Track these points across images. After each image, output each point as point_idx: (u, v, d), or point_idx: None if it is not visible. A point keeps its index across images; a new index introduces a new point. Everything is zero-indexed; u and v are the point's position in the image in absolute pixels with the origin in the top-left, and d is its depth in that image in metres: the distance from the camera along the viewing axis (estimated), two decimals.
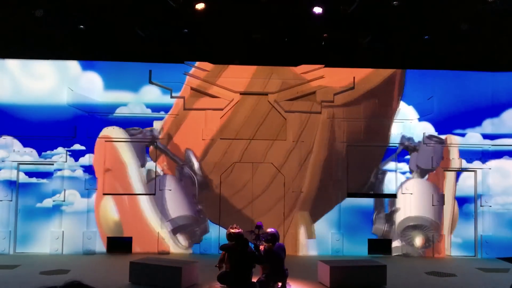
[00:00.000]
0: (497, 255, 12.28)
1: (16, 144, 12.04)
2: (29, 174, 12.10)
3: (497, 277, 10.09)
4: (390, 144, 12.59)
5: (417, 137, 12.60)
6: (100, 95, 12.29)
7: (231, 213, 12.18)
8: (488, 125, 12.65)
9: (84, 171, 12.13)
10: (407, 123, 12.61)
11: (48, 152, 12.08)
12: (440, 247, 12.35)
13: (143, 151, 12.41)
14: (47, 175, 12.12)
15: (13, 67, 12.23)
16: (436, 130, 12.60)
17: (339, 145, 12.49)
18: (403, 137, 12.59)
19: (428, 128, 12.62)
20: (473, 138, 12.62)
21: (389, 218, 12.49)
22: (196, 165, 12.41)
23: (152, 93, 12.43)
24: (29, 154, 12.02)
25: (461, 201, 12.56)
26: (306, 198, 12.37)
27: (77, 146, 12.15)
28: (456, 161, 12.56)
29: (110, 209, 12.14)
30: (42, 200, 12.02)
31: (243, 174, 12.37)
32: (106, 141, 12.21)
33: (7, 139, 12.03)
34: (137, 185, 12.27)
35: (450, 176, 12.60)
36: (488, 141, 12.61)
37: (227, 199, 12.31)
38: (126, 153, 12.31)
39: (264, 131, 12.43)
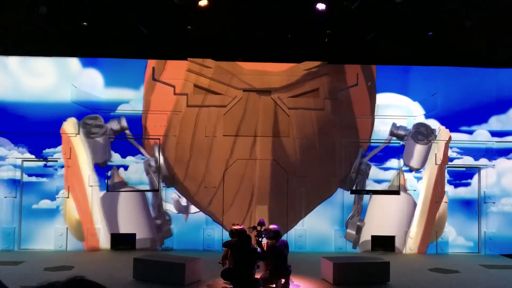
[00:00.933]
0: (501, 251, 12.26)
1: (19, 141, 12.09)
2: (33, 171, 12.14)
3: (501, 273, 10.07)
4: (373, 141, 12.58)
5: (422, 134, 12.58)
6: (101, 92, 12.30)
7: (236, 209, 12.21)
8: (495, 122, 12.61)
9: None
10: (411, 119, 12.58)
11: (52, 149, 12.11)
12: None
13: (104, 146, 12.25)
14: (51, 172, 12.16)
15: (13, 64, 12.23)
16: (447, 127, 12.55)
17: (337, 141, 12.48)
18: (393, 125, 12.57)
19: (434, 125, 12.57)
20: (480, 135, 12.57)
21: (359, 228, 12.48)
22: (161, 159, 12.35)
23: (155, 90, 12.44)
24: (31, 152, 12.05)
25: (465, 198, 12.56)
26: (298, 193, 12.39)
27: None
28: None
29: (73, 208, 12.06)
30: (46, 197, 12.06)
31: (246, 169, 12.37)
32: (63, 133, 12.06)
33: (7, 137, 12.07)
34: (88, 185, 12.07)
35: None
36: (496, 138, 12.56)
37: (229, 195, 12.34)
38: (79, 148, 12.15)
39: (267, 128, 12.43)
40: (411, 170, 12.57)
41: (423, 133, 12.56)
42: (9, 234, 11.84)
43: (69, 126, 12.11)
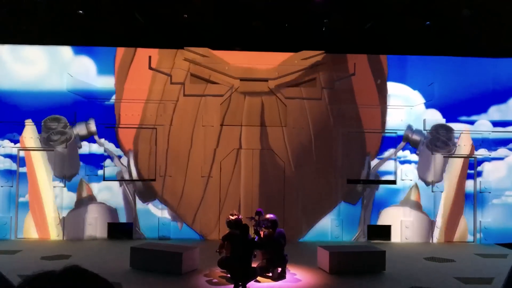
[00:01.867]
0: (496, 241, 12.35)
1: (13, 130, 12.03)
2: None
3: (495, 262, 10.15)
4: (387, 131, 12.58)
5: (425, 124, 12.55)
6: (95, 80, 12.20)
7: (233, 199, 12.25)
8: (495, 112, 12.62)
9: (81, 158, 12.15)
10: (408, 109, 12.57)
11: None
12: None
13: (72, 156, 11.96)
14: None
15: (5, 53, 12.11)
16: (444, 117, 12.54)
17: (336, 131, 12.47)
18: (408, 127, 12.48)
19: (434, 115, 12.56)
20: (482, 125, 12.58)
21: None
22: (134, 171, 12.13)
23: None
24: (28, 140, 11.99)
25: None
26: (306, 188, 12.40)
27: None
28: (464, 148, 12.57)
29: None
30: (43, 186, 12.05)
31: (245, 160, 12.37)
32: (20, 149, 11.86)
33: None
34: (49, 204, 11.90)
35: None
36: (496, 128, 12.57)
37: (228, 185, 12.35)
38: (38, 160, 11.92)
39: (264, 117, 12.40)
40: (426, 184, 12.48)
41: (442, 139, 12.42)
42: (6, 223, 11.84)
43: (27, 132, 11.86)
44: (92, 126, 11.94)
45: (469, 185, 12.58)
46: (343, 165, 12.42)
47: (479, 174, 12.56)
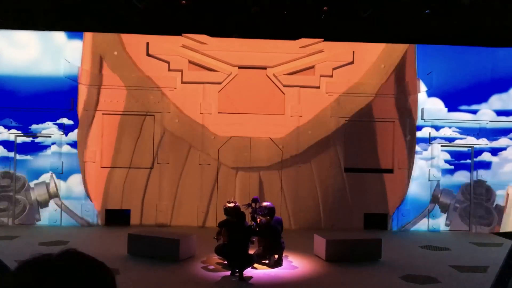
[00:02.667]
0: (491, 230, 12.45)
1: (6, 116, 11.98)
2: (27, 145, 12.06)
3: (491, 251, 10.24)
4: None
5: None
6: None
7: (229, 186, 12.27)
8: (496, 101, 12.63)
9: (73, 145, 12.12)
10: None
11: (40, 125, 12.00)
12: None
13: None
14: (44, 147, 12.11)
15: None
16: (446, 106, 12.53)
17: (339, 120, 12.47)
18: (436, 187, 12.42)
19: (437, 104, 12.55)
20: (485, 115, 12.59)
21: None
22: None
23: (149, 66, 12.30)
24: (19, 128, 11.94)
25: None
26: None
27: (65, 120, 12.07)
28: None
29: None
30: (40, 172, 12.03)
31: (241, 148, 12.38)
32: None
33: None
34: None
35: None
36: (502, 117, 12.59)
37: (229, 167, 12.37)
38: None
39: (262, 105, 12.38)
40: None
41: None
42: (4, 209, 11.85)
43: None
44: (53, 186, 11.78)
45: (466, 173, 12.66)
46: (341, 153, 12.44)
47: (482, 165, 12.60)
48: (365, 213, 12.46)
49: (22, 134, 11.99)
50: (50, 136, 12.04)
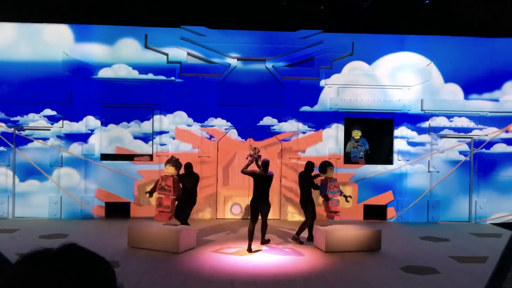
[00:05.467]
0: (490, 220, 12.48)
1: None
2: (27, 138, 12.06)
3: (490, 241, 10.28)
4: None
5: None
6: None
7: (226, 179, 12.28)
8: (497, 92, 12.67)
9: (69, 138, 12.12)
10: (405, 89, 12.54)
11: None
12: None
13: None
14: (43, 140, 12.10)
15: None
16: (446, 97, 12.55)
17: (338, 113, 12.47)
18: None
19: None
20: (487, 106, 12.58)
21: None
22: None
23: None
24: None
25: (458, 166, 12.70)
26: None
27: (63, 113, 12.07)
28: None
29: None
30: (40, 165, 12.02)
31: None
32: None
33: None
34: None
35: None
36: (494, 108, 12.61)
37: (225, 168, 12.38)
38: None
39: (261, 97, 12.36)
40: None
41: None
42: (3, 202, 11.86)
43: None
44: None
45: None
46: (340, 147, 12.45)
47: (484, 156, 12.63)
48: (364, 204, 12.49)
49: (21, 128, 11.98)
50: (49, 129, 12.03)
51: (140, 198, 12.10)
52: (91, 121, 12.12)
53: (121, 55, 12.13)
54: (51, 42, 11.97)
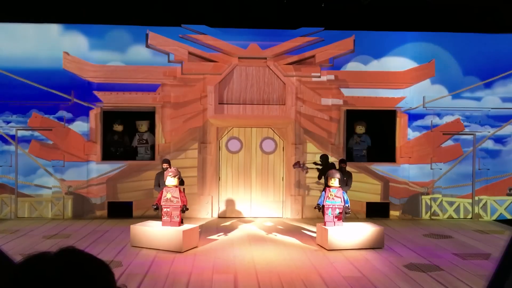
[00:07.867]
0: (494, 217, 12.43)
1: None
2: (28, 138, 12.05)
3: (493, 238, 10.24)
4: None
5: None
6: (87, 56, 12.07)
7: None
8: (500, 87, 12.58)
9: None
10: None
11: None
12: None
13: None
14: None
15: None
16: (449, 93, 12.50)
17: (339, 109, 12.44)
18: None
19: (439, 91, 12.49)
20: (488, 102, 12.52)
21: None
22: None
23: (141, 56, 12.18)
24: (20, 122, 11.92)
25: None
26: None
27: (64, 113, 12.03)
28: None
29: None
30: (42, 165, 12.02)
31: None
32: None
33: None
34: None
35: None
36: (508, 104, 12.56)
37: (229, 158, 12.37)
38: None
39: (263, 96, 12.33)
40: None
41: None
42: (6, 202, 11.86)
43: None
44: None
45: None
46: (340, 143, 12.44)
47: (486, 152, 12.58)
48: (367, 202, 12.47)
49: (22, 128, 11.98)
50: (51, 129, 12.02)
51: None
52: (92, 121, 12.10)
53: (121, 55, 12.11)
54: (51, 42, 11.95)
